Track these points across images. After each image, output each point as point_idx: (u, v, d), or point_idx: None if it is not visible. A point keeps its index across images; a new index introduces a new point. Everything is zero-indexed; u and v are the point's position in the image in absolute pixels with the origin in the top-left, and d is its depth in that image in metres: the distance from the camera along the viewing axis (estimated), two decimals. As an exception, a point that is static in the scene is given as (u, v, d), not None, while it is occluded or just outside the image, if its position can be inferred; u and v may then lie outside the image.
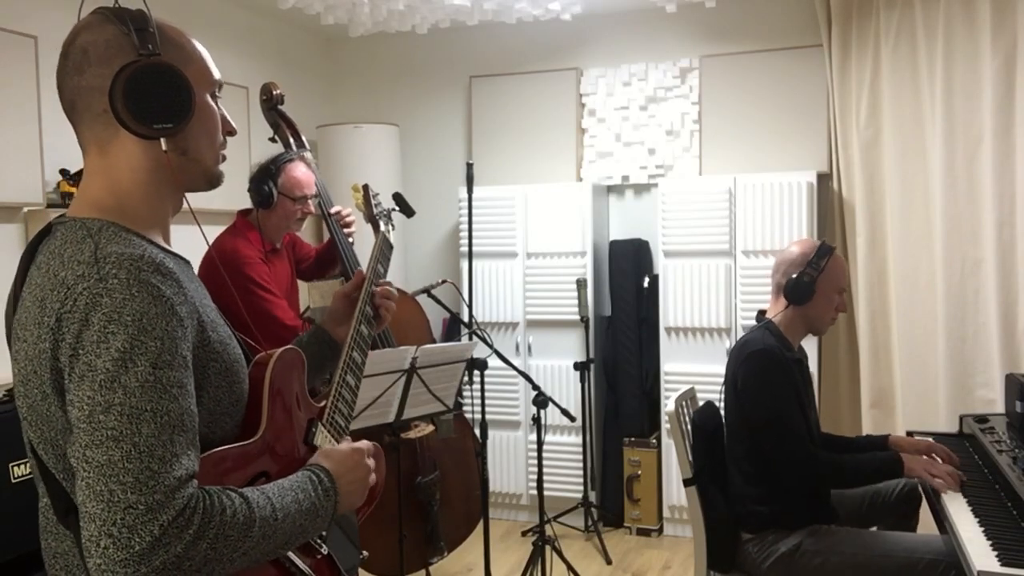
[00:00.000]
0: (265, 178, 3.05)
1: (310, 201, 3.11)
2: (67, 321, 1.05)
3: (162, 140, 1.18)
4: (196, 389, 1.13)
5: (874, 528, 2.92)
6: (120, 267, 1.06)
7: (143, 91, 1.15)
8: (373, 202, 2.32)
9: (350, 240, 3.27)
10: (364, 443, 1.38)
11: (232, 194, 3.04)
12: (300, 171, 3.10)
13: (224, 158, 1.29)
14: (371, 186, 2.76)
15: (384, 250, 1.81)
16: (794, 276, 2.67)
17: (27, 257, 1.20)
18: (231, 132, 1.30)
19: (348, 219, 3.27)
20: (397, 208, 2.01)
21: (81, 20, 1.22)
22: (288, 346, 1.38)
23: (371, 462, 1.36)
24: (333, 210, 3.24)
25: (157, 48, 1.18)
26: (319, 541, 1.34)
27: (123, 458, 1.01)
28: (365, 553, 1.63)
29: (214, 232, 3.11)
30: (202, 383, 1.15)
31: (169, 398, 1.05)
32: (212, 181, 1.26)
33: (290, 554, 1.25)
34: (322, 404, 1.45)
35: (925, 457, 2.66)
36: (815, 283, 2.65)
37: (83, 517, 1.01)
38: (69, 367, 1.05)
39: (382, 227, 1.95)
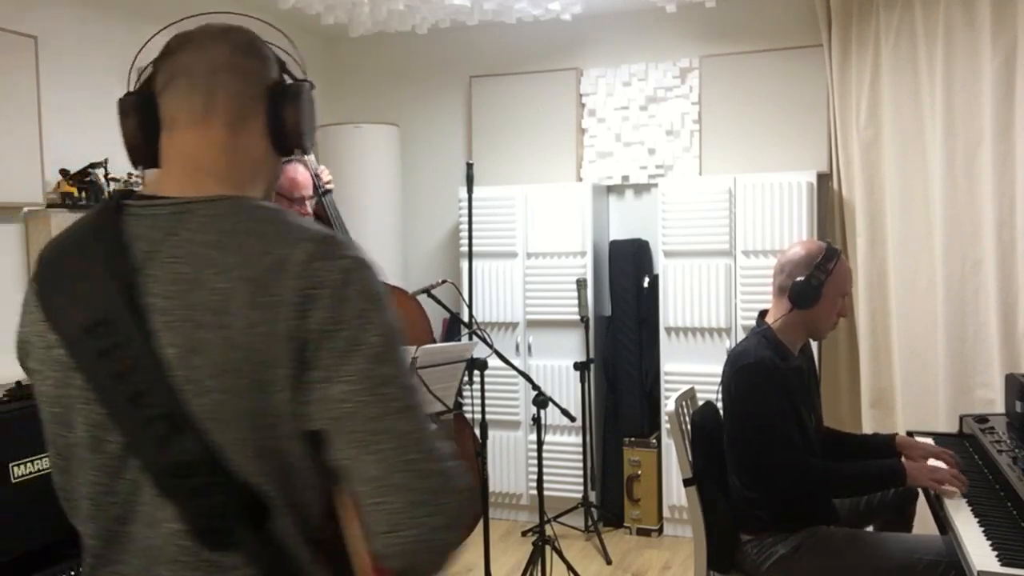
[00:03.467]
0: None
1: (307, 202, 3.11)
2: (314, 298, 1.00)
3: (282, 158, 1.21)
4: None
5: (870, 527, 2.92)
6: (347, 247, 1.06)
7: (309, 108, 1.18)
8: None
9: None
10: None
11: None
12: (298, 172, 3.09)
13: None
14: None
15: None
16: (801, 279, 2.61)
17: (111, 240, 1.06)
18: None
19: (329, 184, 3.27)
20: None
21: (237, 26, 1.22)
22: None
23: None
24: (323, 175, 3.25)
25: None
26: None
27: (416, 429, 1.01)
28: None
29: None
30: None
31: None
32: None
33: None
34: None
35: (929, 462, 2.63)
36: (823, 287, 2.60)
37: (384, 490, 0.99)
38: (326, 344, 1.00)
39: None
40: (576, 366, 4.48)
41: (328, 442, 1.01)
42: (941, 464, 2.64)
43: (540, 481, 3.57)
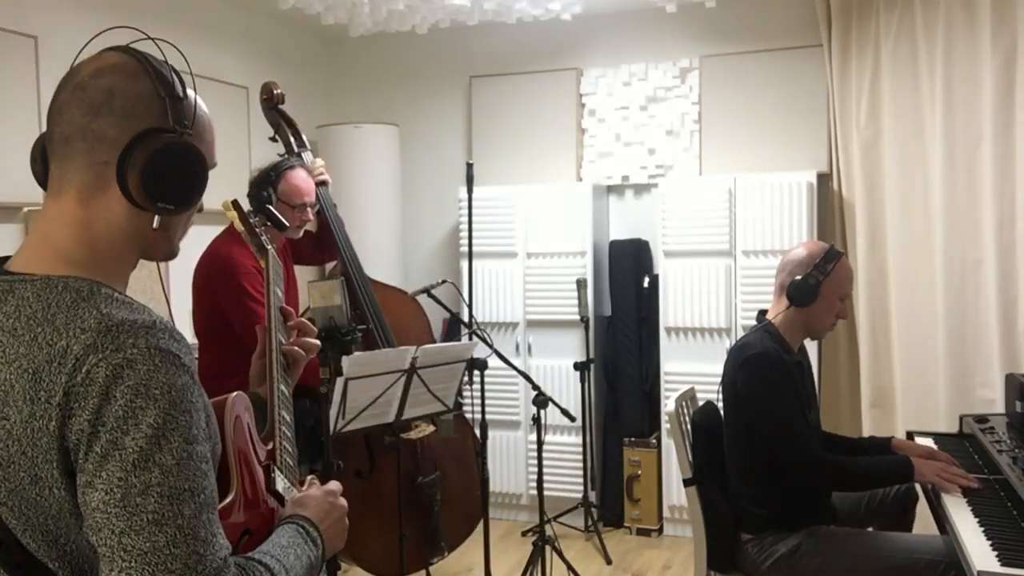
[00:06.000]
0: (265, 184, 3.03)
1: (309, 209, 3.10)
2: (80, 396, 0.97)
3: (156, 218, 1.12)
4: None
5: (870, 528, 2.92)
6: (136, 335, 0.99)
7: (164, 168, 1.09)
8: (252, 220, 1.88)
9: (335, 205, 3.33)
10: (333, 484, 1.34)
11: (231, 193, 3.04)
12: (300, 178, 3.08)
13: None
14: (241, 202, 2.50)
15: (278, 271, 1.67)
16: (799, 278, 2.63)
17: None
18: (200, 210, 1.23)
19: (323, 176, 3.28)
20: (269, 223, 1.80)
21: (112, 52, 1.13)
22: (237, 392, 1.31)
23: (343, 501, 1.33)
24: (319, 167, 3.25)
25: (191, 127, 1.12)
26: None
27: (168, 543, 0.95)
28: None
29: (210, 232, 3.10)
30: None
31: (201, 474, 1.00)
32: (171, 256, 1.20)
33: None
34: (270, 447, 1.40)
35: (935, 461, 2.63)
36: (820, 287, 2.62)
37: None
38: (87, 446, 0.96)
39: (270, 249, 1.75)
40: (576, 366, 4.48)
41: None
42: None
43: (540, 481, 3.57)
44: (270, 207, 1.96)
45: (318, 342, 1.59)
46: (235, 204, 1.80)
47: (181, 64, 1.19)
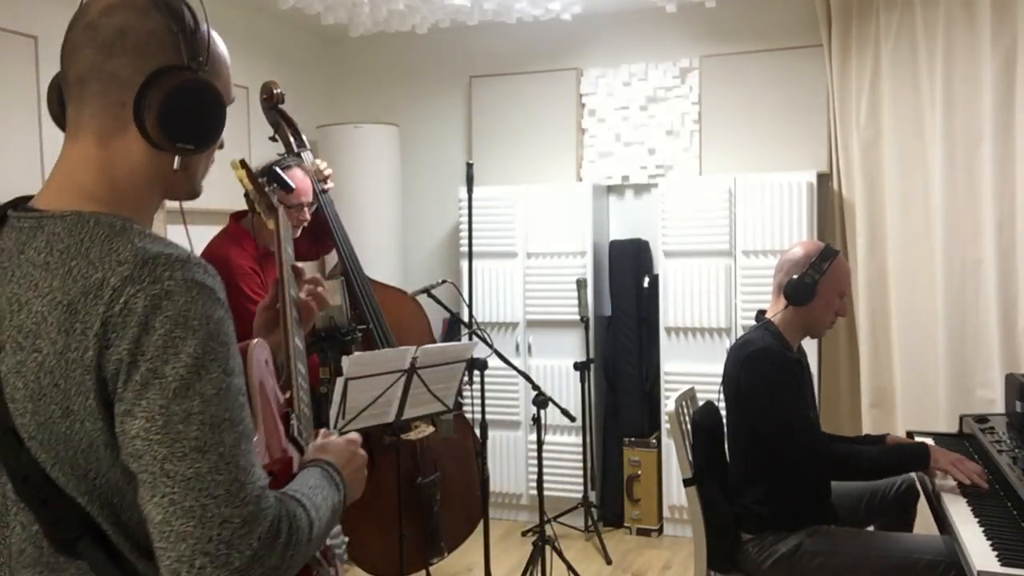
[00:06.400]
0: None
1: (307, 209, 3.10)
2: (118, 326, 0.97)
3: (176, 158, 1.11)
4: None
5: (871, 527, 2.93)
6: (173, 268, 1.00)
7: (181, 107, 1.08)
8: (260, 180, 1.86)
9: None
10: (353, 434, 1.36)
11: (231, 193, 3.04)
12: (298, 178, 3.08)
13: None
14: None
15: (288, 229, 1.70)
16: (795, 277, 2.65)
17: None
18: (221, 147, 1.22)
19: (330, 184, 3.28)
20: (276, 185, 1.82)
21: None
22: (258, 339, 1.32)
23: (363, 452, 1.33)
24: (326, 173, 3.25)
25: (207, 62, 1.11)
26: None
27: (211, 470, 0.96)
28: (346, 538, 1.58)
29: (209, 232, 3.10)
30: None
31: (239, 406, 1.01)
32: (194, 196, 1.21)
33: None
34: (288, 395, 1.41)
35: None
36: (816, 285, 2.64)
37: (166, 536, 0.95)
38: (126, 375, 0.97)
39: (280, 209, 1.75)
40: (576, 366, 4.48)
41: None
42: None
43: (540, 481, 3.57)
44: (276, 169, 1.97)
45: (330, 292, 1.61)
46: (243, 163, 1.81)
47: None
